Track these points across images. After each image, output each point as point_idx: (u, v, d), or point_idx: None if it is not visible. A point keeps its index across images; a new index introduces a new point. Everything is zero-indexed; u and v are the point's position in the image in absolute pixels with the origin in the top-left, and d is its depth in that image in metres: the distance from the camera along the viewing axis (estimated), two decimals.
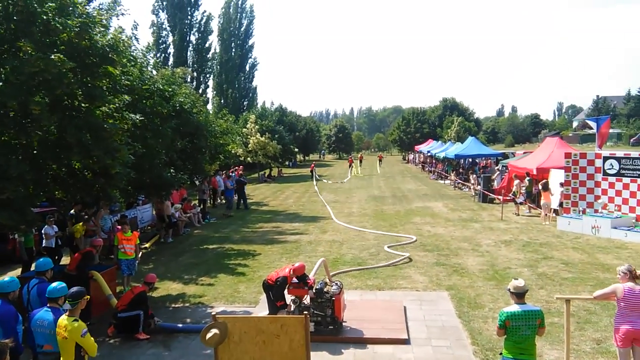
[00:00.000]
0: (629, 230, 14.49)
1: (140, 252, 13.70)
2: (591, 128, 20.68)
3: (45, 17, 7.97)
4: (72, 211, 14.00)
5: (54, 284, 5.65)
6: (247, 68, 62.39)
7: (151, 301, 9.10)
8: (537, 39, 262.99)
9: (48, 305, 5.56)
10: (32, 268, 11.36)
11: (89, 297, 5.59)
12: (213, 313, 5.63)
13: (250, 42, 62.05)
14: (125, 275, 11.17)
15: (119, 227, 12.17)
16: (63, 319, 5.22)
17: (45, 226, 12.59)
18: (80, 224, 13.37)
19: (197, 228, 19.37)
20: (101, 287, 9.49)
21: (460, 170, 32.69)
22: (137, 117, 10.66)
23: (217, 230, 18.66)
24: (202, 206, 21.85)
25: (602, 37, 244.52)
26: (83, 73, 8.81)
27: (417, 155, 54.30)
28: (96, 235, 13.09)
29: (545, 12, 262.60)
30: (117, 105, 9.95)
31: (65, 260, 13.00)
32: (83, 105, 9.04)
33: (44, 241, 12.73)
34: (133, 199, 17.46)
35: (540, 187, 18.16)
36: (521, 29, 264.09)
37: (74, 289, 5.44)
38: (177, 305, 10.13)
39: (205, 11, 53.95)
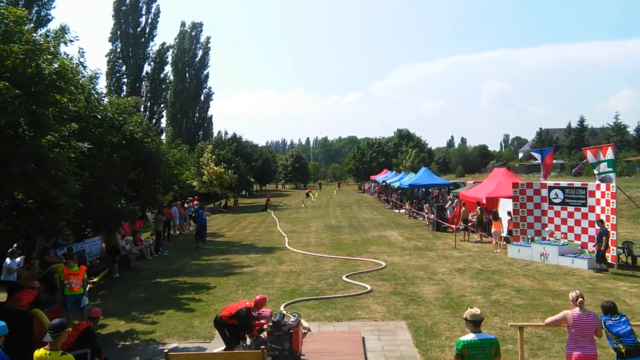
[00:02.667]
0: (575, 257, 15.09)
1: (88, 286, 13.00)
2: (536, 159, 21.63)
3: None
4: (14, 245, 13.15)
5: None
6: (202, 98, 62.08)
7: (98, 339, 8.60)
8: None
9: None
10: None
11: (70, 329, 5.34)
12: (165, 350, 5.39)
13: (205, 72, 61.96)
14: (70, 312, 10.51)
15: (64, 261, 11.46)
16: (45, 355, 5.05)
17: (7, 259, 11.56)
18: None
19: (149, 261, 18.69)
20: (43, 325, 8.91)
21: (414, 200, 33.31)
22: (85, 145, 10.31)
23: (169, 263, 18.06)
24: (156, 238, 21.12)
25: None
26: (29, 101, 8.48)
27: (372, 184, 55.07)
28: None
29: (491, 52, 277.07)
30: (63, 133, 9.60)
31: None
32: (28, 133, 8.66)
33: (1, 275, 11.64)
34: (82, 232, 16.68)
35: (491, 216, 18.74)
36: (472, 65, 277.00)
37: (56, 320, 5.38)
38: (126, 343, 9.63)
39: (164, 43, 52.82)
